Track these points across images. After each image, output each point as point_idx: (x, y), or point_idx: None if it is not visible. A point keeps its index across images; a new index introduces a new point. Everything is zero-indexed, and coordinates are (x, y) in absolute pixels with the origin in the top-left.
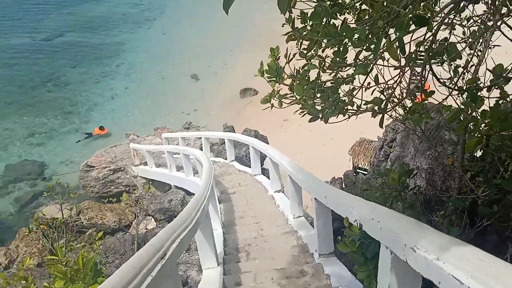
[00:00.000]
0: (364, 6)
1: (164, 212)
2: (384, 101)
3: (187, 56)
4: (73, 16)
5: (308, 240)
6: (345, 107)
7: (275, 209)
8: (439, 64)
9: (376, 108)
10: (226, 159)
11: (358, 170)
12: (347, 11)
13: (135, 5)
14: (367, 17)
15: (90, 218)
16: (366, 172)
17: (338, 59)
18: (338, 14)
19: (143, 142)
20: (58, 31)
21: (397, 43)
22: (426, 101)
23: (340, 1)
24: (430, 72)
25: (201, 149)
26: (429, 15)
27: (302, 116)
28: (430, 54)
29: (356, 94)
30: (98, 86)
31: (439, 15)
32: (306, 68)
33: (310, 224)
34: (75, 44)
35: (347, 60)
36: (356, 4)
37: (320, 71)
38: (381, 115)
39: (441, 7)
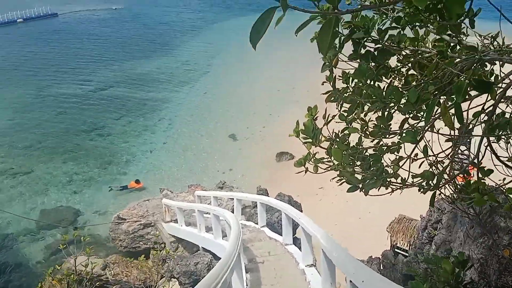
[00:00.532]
0: (412, 71)
1: (189, 275)
2: (437, 177)
3: (227, 116)
4: (123, 71)
5: None
6: (389, 179)
7: (305, 286)
8: (495, 140)
9: (424, 183)
10: (257, 223)
11: (396, 250)
12: (394, 74)
13: (182, 65)
14: (414, 83)
15: (116, 274)
16: (405, 253)
17: (382, 125)
18: (383, 77)
19: (176, 198)
20: (107, 83)
21: (452, 110)
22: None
23: (386, 63)
24: (488, 148)
25: (233, 211)
26: (492, 79)
27: (340, 184)
28: (490, 127)
29: (402, 165)
30: (138, 139)
31: (504, 81)
32: (346, 131)
33: None
34: (121, 97)
35: (391, 128)
36: (402, 69)
37: (362, 136)
38: (430, 192)
39: (504, 73)
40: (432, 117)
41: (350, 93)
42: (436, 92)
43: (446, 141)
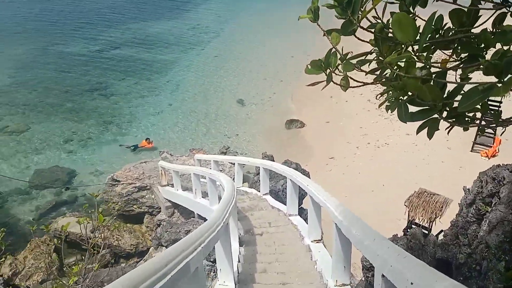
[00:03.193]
0: None
1: None
2: None
3: (236, 81)
4: (131, 32)
5: None
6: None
7: (310, 267)
8: None
9: None
10: (259, 191)
11: (413, 226)
12: None
13: (193, 28)
14: None
15: (106, 238)
16: (425, 231)
17: None
18: None
19: (176, 161)
20: (114, 44)
21: None
22: None
23: None
24: None
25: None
26: None
27: (391, 111)
28: None
29: None
30: (142, 100)
31: None
32: None
33: None
34: (128, 58)
35: None
36: None
37: None
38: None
39: None
40: None
41: None
42: None
43: None
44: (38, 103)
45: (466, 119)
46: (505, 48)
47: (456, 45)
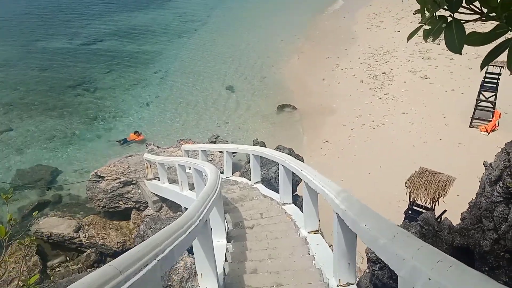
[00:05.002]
0: None
1: None
2: None
3: (225, 67)
4: (115, 24)
5: None
6: None
7: (308, 263)
8: None
9: None
10: (250, 179)
11: (415, 208)
12: None
13: (179, 16)
14: None
15: (90, 237)
16: (422, 211)
17: None
18: None
19: (163, 153)
20: (98, 37)
21: None
22: None
23: None
24: None
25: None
26: None
27: None
28: None
29: None
30: (128, 93)
31: None
32: None
33: None
34: (112, 51)
35: None
36: None
37: None
38: None
39: None
40: None
41: None
42: None
43: None
44: (20, 102)
45: None
46: None
47: None
